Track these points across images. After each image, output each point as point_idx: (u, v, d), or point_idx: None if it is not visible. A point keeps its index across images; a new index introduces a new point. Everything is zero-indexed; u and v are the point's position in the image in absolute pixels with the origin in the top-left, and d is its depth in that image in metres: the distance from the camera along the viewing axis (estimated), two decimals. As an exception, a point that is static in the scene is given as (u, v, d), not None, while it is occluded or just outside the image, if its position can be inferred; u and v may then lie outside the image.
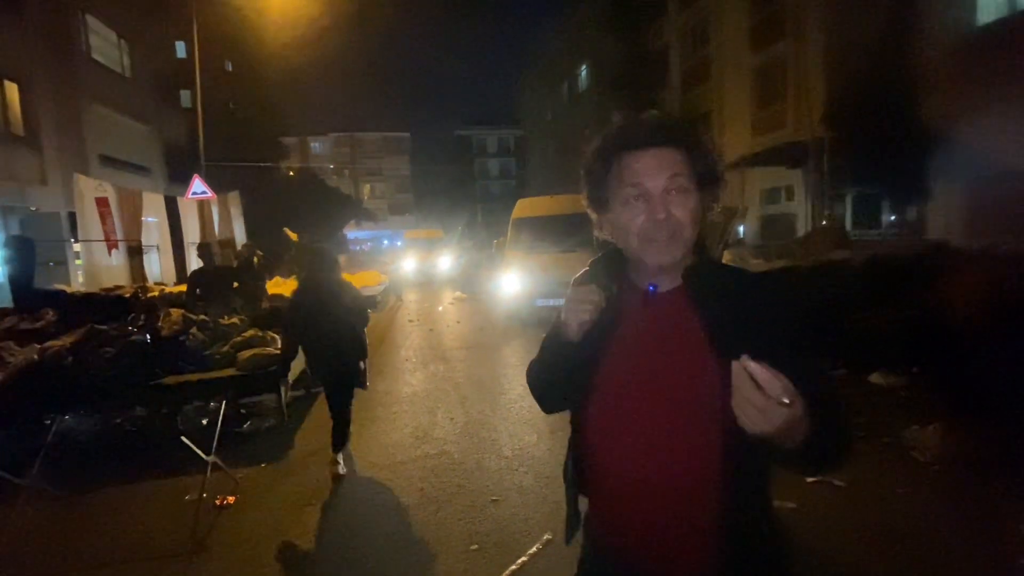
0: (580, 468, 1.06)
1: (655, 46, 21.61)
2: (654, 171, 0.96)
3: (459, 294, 15.48)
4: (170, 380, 4.17)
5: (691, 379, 0.92)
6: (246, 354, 4.36)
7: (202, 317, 4.83)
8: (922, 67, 10.30)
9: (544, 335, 1.10)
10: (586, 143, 1.10)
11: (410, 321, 10.93)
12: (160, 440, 4.23)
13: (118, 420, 4.60)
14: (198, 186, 12.41)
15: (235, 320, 4.95)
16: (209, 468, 3.23)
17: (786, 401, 0.72)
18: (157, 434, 4.31)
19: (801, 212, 13.93)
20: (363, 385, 3.91)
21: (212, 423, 3.77)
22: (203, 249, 5.87)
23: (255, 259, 8.84)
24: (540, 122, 35.88)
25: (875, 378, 5.11)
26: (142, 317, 5.41)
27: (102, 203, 11.22)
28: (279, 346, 4.67)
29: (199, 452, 3.23)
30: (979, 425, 3.80)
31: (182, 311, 5.08)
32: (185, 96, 26.74)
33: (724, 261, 8.21)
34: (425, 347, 8.19)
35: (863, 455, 3.60)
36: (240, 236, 18.37)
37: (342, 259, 19.59)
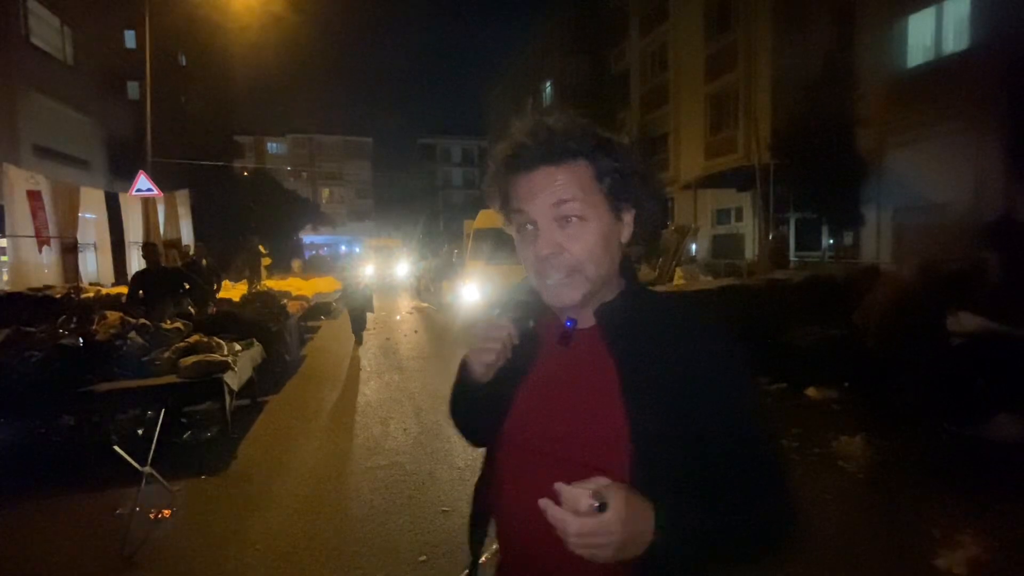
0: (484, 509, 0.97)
1: (617, 68, 22.36)
2: (539, 196, 0.79)
3: (417, 303, 15.34)
4: (103, 387, 3.94)
5: (594, 434, 0.78)
6: (189, 360, 4.18)
7: (142, 321, 4.60)
8: (857, 103, 11.13)
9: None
10: None
11: (366, 330, 10.73)
12: (90, 451, 3.98)
13: (42, 430, 4.29)
14: (143, 183, 11.82)
15: (179, 325, 4.74)
16: (143, 480, 3.07)
17: (595, 506, 0.62)
18: (87, 445, 4.05)
19: (749, 233, 14.63)
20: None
21: (149, 433, 3.59)
22: (148, 249, 5.60)
23: (204, 261, 8.50)
24: (504, 134, 36.04)
25: (811, 392, 5.42)
26: (74, 319, 5.11)
27: (34, 197, 10.53)
28: (225, 352, 4.51)
29: (133, 463, 3.07)
30: (897, 435, 4.11)
31: (120, 314, 4.84)
32: (133, 88, 25.49)
33: (676, 279, 8.57)
34: (381, 357, 8.07)
35: (796, 466, 3.82)
36: (188, 237, 17.59)
37: (296, 264, 19.03)
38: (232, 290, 10.00)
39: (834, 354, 5.66)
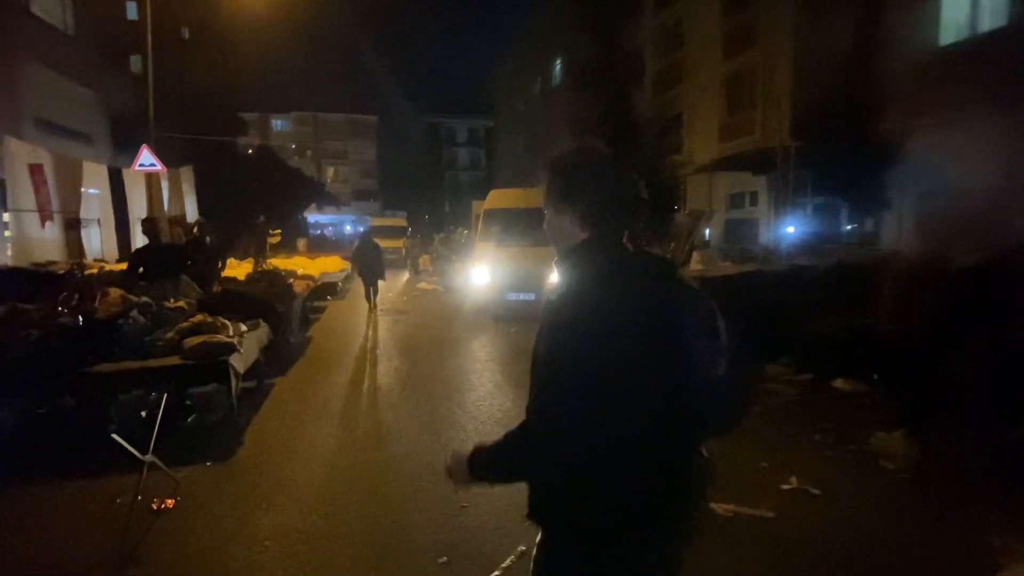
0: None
1: (630, 46, 21.69)
2: None
3: (424, 284, 15.12)
4: (103, 368, 3.76)
5: None
6: (193, 341, 3.98)
7: (144, 299, 4.39)
8: (886, 83, 10.66)
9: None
10: (560, 133, 1.14)
11: (371, 309, 10.54)
12: (89, 435, 3.81)
13: (42, 411, 4.12)
14: (146, 157, 11.53)
15: (182, 304, 4.54)
16: (145, 468, 2.89)
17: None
18: (86, 429, 3.88)
19: (764, 218, 14.27)
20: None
21: (151, 417, 3.41)
22: (148, 224, 5.37)
23: (208, 239, 8.28)
24: (511, 114, 35.56)
25: (840, 384, 5.19)
26: (75, 297, 4.93)
27: (36, 171, 10.29)
28: (230, 333, 4.31)
29: (133, 451, 2.88)
30: (942, 433, 3.88)
31: (122, 291, 4.63)
32: (135, 62, 25.01)
33: (693, 263, 8.28)
34: (389, 339, 7.88)
35: (834, 462, 3.61)
36: (192, 214, 17.37)
37: (301, 243, 19.03)
38: (238, 268, 9.80)
39: (862, 344, 5.42)
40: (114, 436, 2.84)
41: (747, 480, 3.26)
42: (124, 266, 9.18)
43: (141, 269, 4.94)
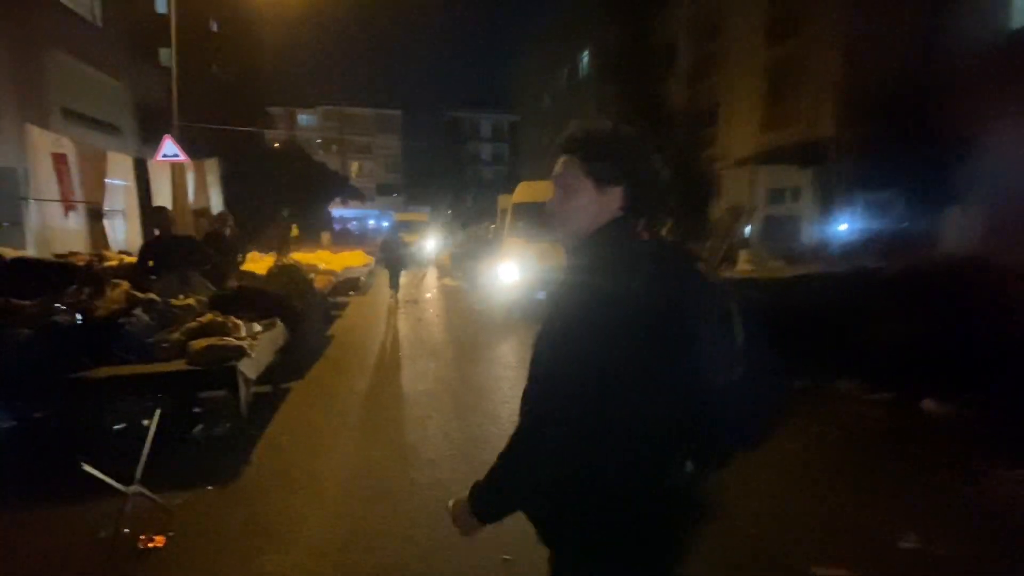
0: None
1: (662, 36, 20.85)
2: None
3: (448, 280, 14.69)
4: (97, 373, 3.35)
5: None
6: (199, 344, 3.55)
7: (151, 296, 3.99)
8: (949, 70, 9.76)
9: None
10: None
11: (396, 305, 10.12)
12: (76, 450, 3.41)
13: (36, 415, 3.75)
14: (169, 148, 11.34)
15: (191, 301, 4.12)
16: (130, 500, 2.45)
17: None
18: (73, 442, 3.47)
19: (807, 215, 13.43)
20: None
21: (145, 431, 2.98)
22: (158, 215, 4.99)
23: (227, 231, 7.95)
24: (536, 108, 34.94)
25: (929, 405, 4.52)
26: (85, 291, 4.58)
27: (59, 160, 10.14)
28: (242, 334, 3.88)
29: (111, 482, 2.44)
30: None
31: (127, 286, 4.25)
32: (165, 55, 25.15)
33: (740, 263, 7.60)
34: (413, 340, 7.43)
35: (955, 510, 2.94)
36: (217, 206, 17.27)
37: (325, 237, 18.97)
38: (259, 262, 9.48)
39: (952, 357, 4.74)
40: (86, 467, 2.40)
41: (852, 533, 2.67)
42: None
43: (151, 263, 4.56)
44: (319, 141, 47.33)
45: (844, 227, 11.19)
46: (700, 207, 14.27)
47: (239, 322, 3.97)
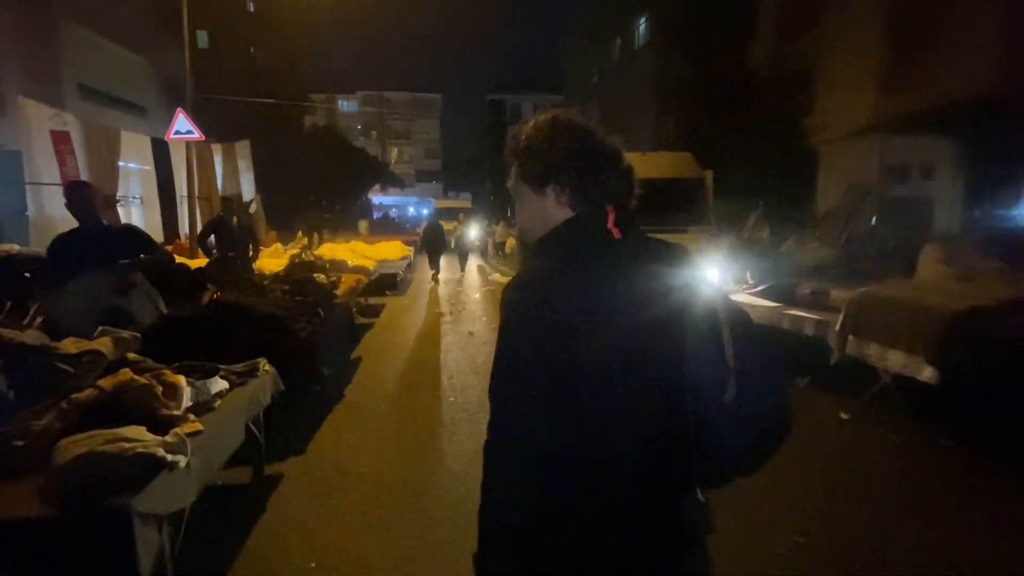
0: None
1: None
2: None
3: (497, 276, 12.88)
4: None
5: None
6: (68, 452, 1.76)
7: (23, 339, 2.27)
8: None
9: None
10: (644, 102, 0.79)
11: (440, 314, 8.34)
12: None
13: None
14: (182, 124, 9.94)
15: (104, 342, 2.38)
16: None
17: None
18: None
19: (941, 195, 10.84)
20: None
21: None
22: (73, 193, 3.29)
23: (235, 220, 6.38)
24: (583, 86, 32.53)
25: None
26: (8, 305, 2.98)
27: (60, 139, 8.79)
28: (180, 406, 2.13)
29: None
30: None
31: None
32: (201, 37, 24.28)
33: (929, 264, 5.25)
34: (467, 371, 5.37)
35: None
36: (248, 191, 16.04)
37: (362, 225, 17.82)
38: (282, 256, 7.93)
39: None
40: None
41: None
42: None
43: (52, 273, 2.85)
44: (359, 127, 46.40)
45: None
46: (800, 190, 11.86)
47: (179, 380, 2.22)
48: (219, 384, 2.47)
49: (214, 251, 6.16)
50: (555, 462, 0.85)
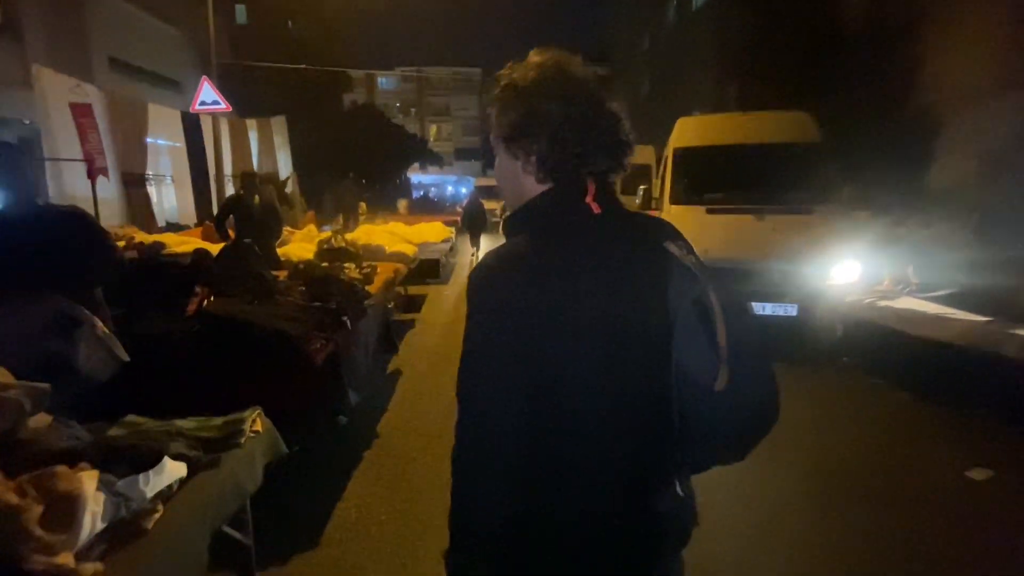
0: None
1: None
2: None
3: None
4: None
5: None
6: None
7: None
8: None
9: None
10: (702, 67, 0.73)
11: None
12: None
13: None
14: (207, 93, 9.10)
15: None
16: None
17: None
18: None
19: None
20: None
21: None
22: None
23: (255, 199, 5.46)
24: (633, 55, 30.37)
25: None
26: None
27: (81, 112, 8.08)
28: (84, 494, 1.10)
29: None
30: None
31: None
32: (240, 12, 23.66)
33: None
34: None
35: None
36: (284, 169, 15.34)
37: (402, 205, 17.00)
38: (316, 239, 7.01)
39: None
40: None
41: None
42: (194, 240, 6.77)
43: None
44: (398, 105, 45.56)
45: None
46: (913, 162, 10.09)
47: (78, 489, 1.19)
48: (167, 474, 1.45)
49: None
50: (529, 463, 0.77)
